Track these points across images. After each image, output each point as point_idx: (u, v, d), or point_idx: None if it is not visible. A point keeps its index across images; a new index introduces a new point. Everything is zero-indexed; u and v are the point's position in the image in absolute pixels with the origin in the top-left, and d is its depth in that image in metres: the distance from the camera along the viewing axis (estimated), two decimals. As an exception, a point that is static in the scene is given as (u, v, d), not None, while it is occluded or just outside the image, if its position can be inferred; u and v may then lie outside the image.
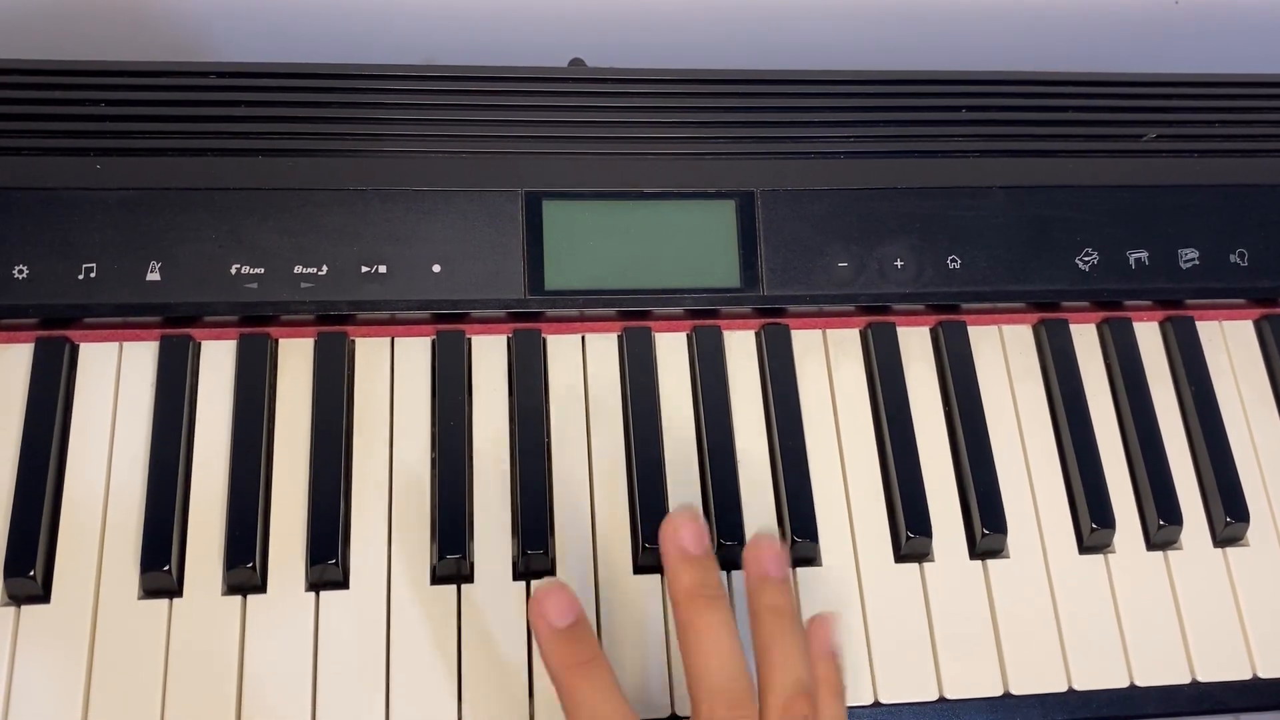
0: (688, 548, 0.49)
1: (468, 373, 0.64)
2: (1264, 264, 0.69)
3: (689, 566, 0.49)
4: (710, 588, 0.49)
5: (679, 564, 0.49)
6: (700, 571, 0.49)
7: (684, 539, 0.50)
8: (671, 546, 0.50)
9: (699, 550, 0.50)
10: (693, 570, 0.49)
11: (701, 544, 0.50)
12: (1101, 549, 0.64)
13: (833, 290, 0.66)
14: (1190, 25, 0.89)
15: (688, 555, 0.49)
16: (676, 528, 0.50)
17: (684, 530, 0.50)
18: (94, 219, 0.62)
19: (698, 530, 0.50)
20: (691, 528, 0.50)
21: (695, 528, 0.50)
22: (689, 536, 0.50)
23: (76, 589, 0.57)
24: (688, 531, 0.50)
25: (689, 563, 0.49)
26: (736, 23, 0.85)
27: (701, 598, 0.48)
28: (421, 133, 0.66)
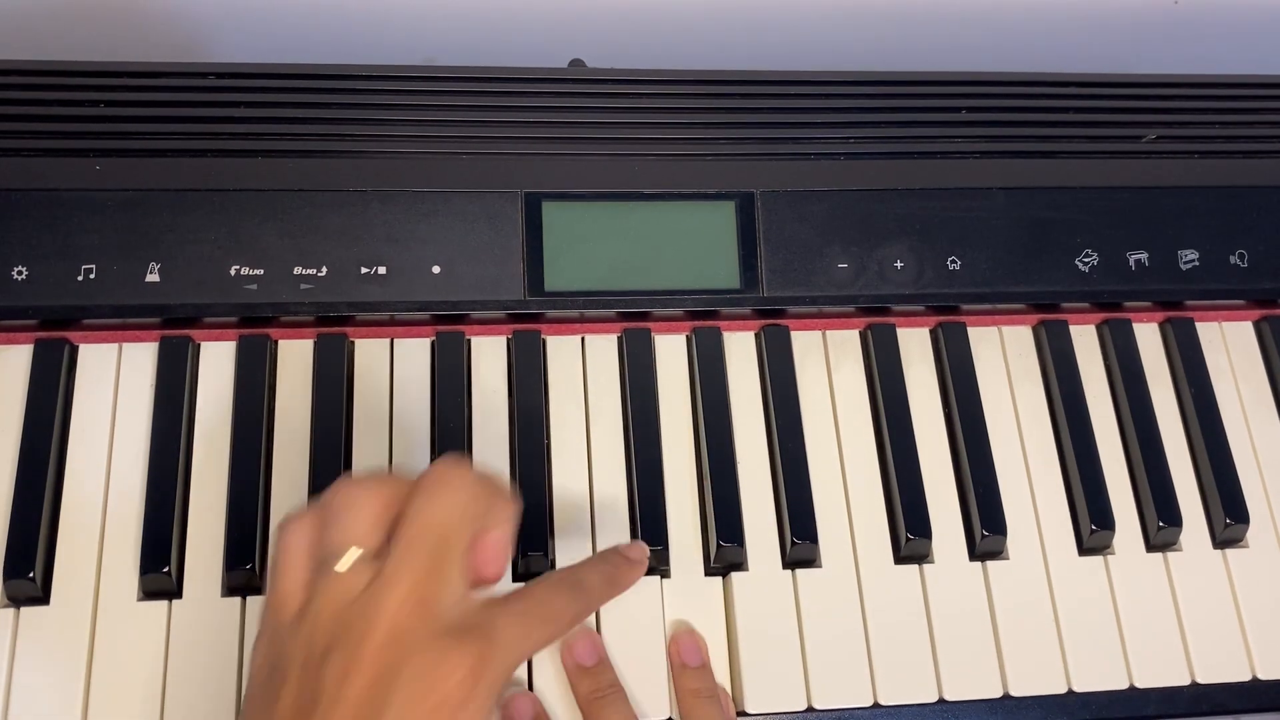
0: (582, 661, 0.57)
1: (467, 374, 0.64)
2: (1264, 265, 0.69)
3: (584, 676, 0.56)
4: (604, 688, 0.56)
5: (577, 675, 0.57)
6: (594, 679, 0.56)
7: (579, 654, 0.57)
8: (568, 660, 0.57)
9: (591, 660, 0.57)
10: (588, 679, 0.56)
11: (594, 655, 0.57)
12: (1101, 550, 0.64)
13: (833, 291, 0.66)
14: (1190, 25, 0.89)
15: (582, 667, 0.57)
16: (570, 646, 0.57)
17: (578, 646, 0.57)
18: (93, 220, 0.61)
19: (589, 644, 0.57)
20: (584, 643, 0.57)
21: (586, 643, 0.57)
22: (582, 651, 0.57)
23: (76, 590, 0.57)
24: (581, 647, 0.57)
25: (584, 673, 0.57)
26: (736, 23, 0.85)
27: (599, 699, 0.56)
28: (421, 133, 0.66)
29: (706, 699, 0.57)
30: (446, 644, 0.45)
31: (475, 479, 0.49)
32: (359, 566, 0.46)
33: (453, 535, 0.47)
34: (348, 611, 0.45)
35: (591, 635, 0.58)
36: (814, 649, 0.60)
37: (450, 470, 0.49)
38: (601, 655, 0.57)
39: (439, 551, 0.46)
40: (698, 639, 0.59)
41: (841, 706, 0.59)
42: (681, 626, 0.60)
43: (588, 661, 0.57)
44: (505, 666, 0.47)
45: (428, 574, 0.46)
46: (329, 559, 0.46)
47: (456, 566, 0.47)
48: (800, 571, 0.61)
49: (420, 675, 0.44)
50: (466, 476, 0.49)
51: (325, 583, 0.46)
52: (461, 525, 0.48)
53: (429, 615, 0.45)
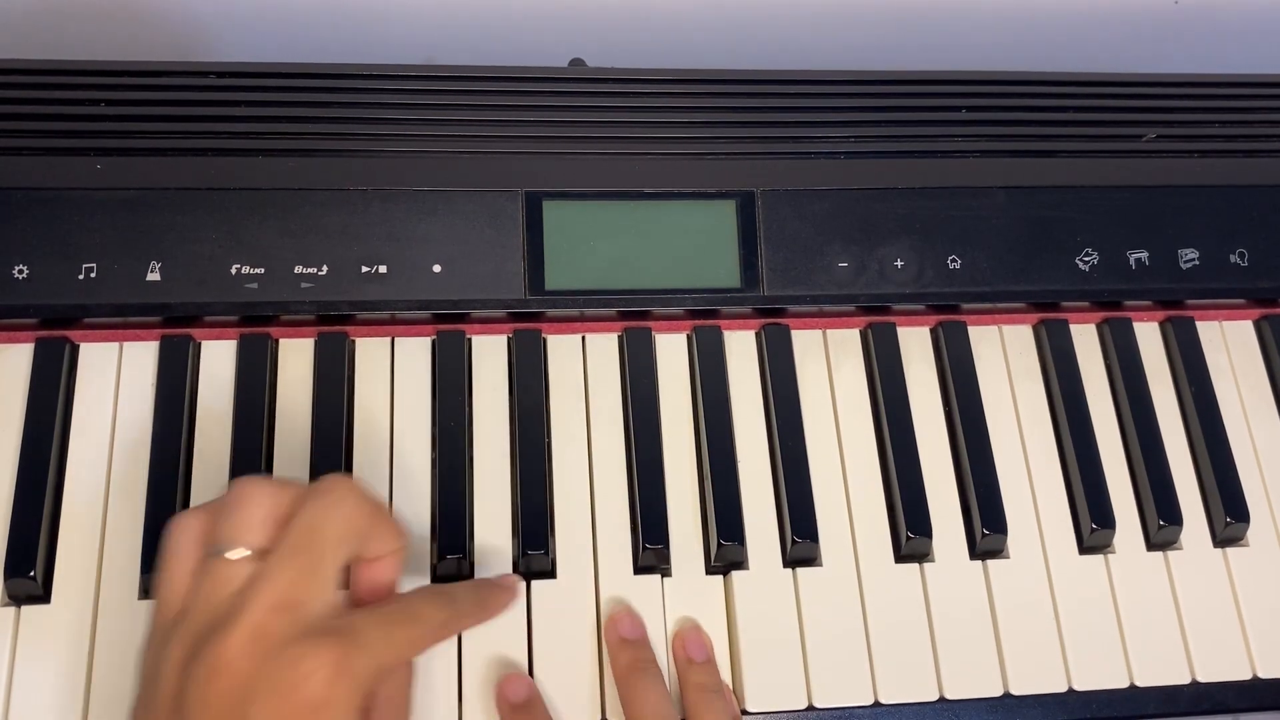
0: (625, 635, 0.58)
1: (468, 373, 0.64)
2: (1264, 264, 0.69)
3: (625, 648, 0.58)
4: (642, 661, 0.57)
5: (618, 648, 0.58)
6: (634, 651, 0.57)
7: (622, 629, 0.58)
8: (612, 636, 0.58)
9: (633, 636, 0.58)
10: (629, 650, 0.58)
11: (635, 631, 0.58)
12: (1101, 549, 0.64)
13: (833, 290, 0.66)
14: (1190, 25, 0.89)
15: (624, 640, 0.58)
16: (615, 622, 0.59)
17: (622, 622, 0.58)
18: (94, 219, 0.62)
19: (632, 620, 0.59)
20: (626, 621, 0.59)
21: (630, 619, 0.59)
22: (626, 627, 0.58)
23: (77, 589, 0.57)
24: (625, 623, 0.58)
25: (625, 647, 0.58)
26: (736, 23, 0.85)
27: (637, 669, 0.57)
28: (421, 133, 0.66)
29: (712, 693, 0.57)
30: (306, 645, 0.45)
31: (361, 497, 0.50)
32: (240, 564, 0.47)
33: (330, 543, 0.48)
34: (220, 609, 0.46)
35: (635, 613, 0.59)
36: (815, 648, 0.60)
37: (338, 483, 0.50)
38: (643, 634, 0.58)
39: (315, 556, 0.47)
40: (703, 634, 0.59)
41: (842, 705, 0.59)
42: (687, 622, 0.60)
43: (630, 636, 0.58)
44: (369, 669, 0.47)
45: (300, 577, 0.47)
46: (214, 552, 0.47)
47: (330, 573, 0.48)
48: (801, 570, 0.61)
49: (280, 676, 0.45)
50: (353, 491, 0.50)
51: (206, 579, 0.47)
52: (341, 536, 0.49)
53: (295, 618, 0.46)
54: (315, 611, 0.47)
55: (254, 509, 0.48)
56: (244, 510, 0.48)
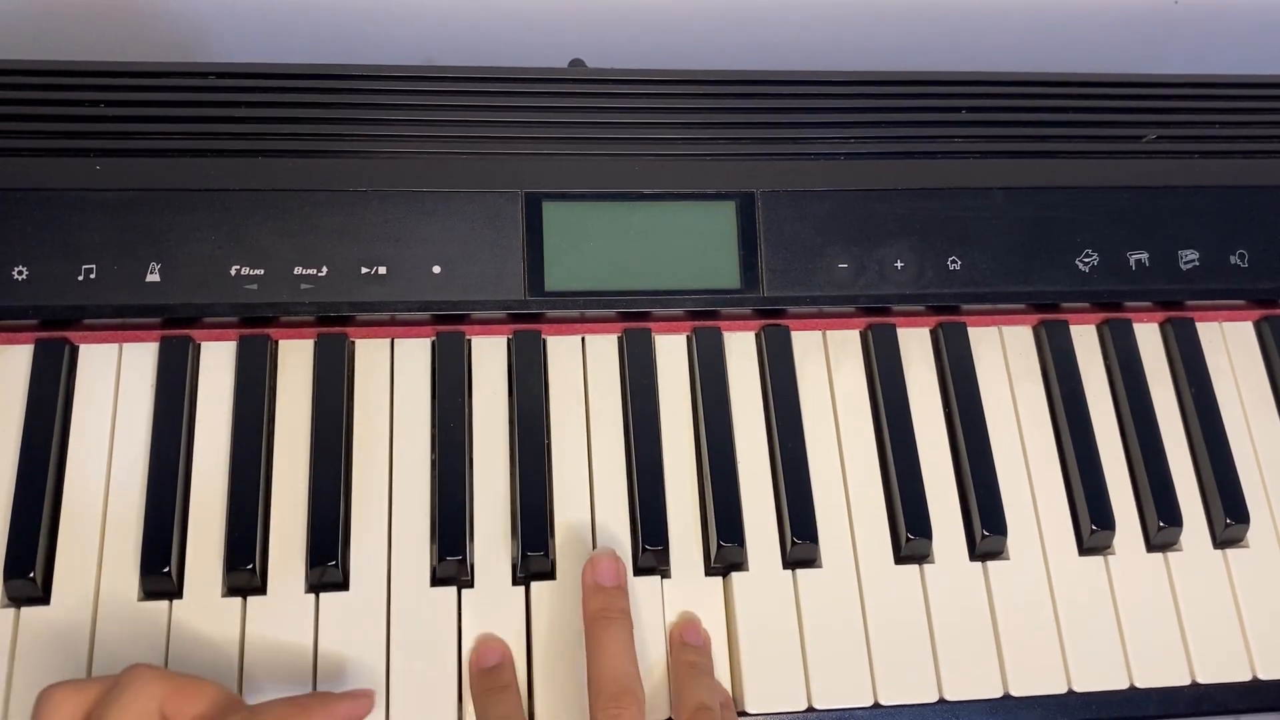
0: (601, 581, 0.58)
1: (468, 374, 0.64)
2: (1264, 265, 0.69)
3: (598, 595, 0.57)
4: (613, 610, 0.57)
5: (592, 592, 0.57)
6: (607, 598, 0.57)
7: (600, 573, 0.58)
8: (588, 578, 0.58)
9: (611, 583, 0.58)
10: (601, 597, 0.57)
11: (614, 578, 0.58)
12: (1101, 550, 0.64)
13: (833, 291, 0.66)
14: (1190, 25, 0.89)
15: (600, 587, 0.57)
16: (595, 564, 0.58)
17: (600, 566, 0.58)
18: (94, 220, 0.61)
19: (611, 567, 0.58)
20: (605, 564, 0.58)
21: (610, 564, 0.58)
22: (604, 571, 0.58)
23: (76, 591, 0.57)
24: (603, 567, 0.58)
25: (599, 592, 0.57)
26: (737, 23, 0.85)
27: (604, 618, 0.56)
28: (421, 133, 0.66)
29: (701, 672, 0.57)
30: None
31: (156, 676, 0.50)
32: None
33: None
34: None
35: (618, 560, 0.59)
36: (814, 649, 0.60)
37: (130, 673, 0.50)
38: (621, 581, 0.58)
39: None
40: (700, 625, 0.59)
41: (842, 706, 0.59)
42: (687, 615, 0.60)
43: (607, 582, 0.58)
44: None
45: None
46: None
47: None
48: (800, 571, 0.61)
49: None
50: (145, 675, 0.50)
51: None
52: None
53: None
54: None
55: (54, 715, 0.49)
56: (50, 717, 0.49)
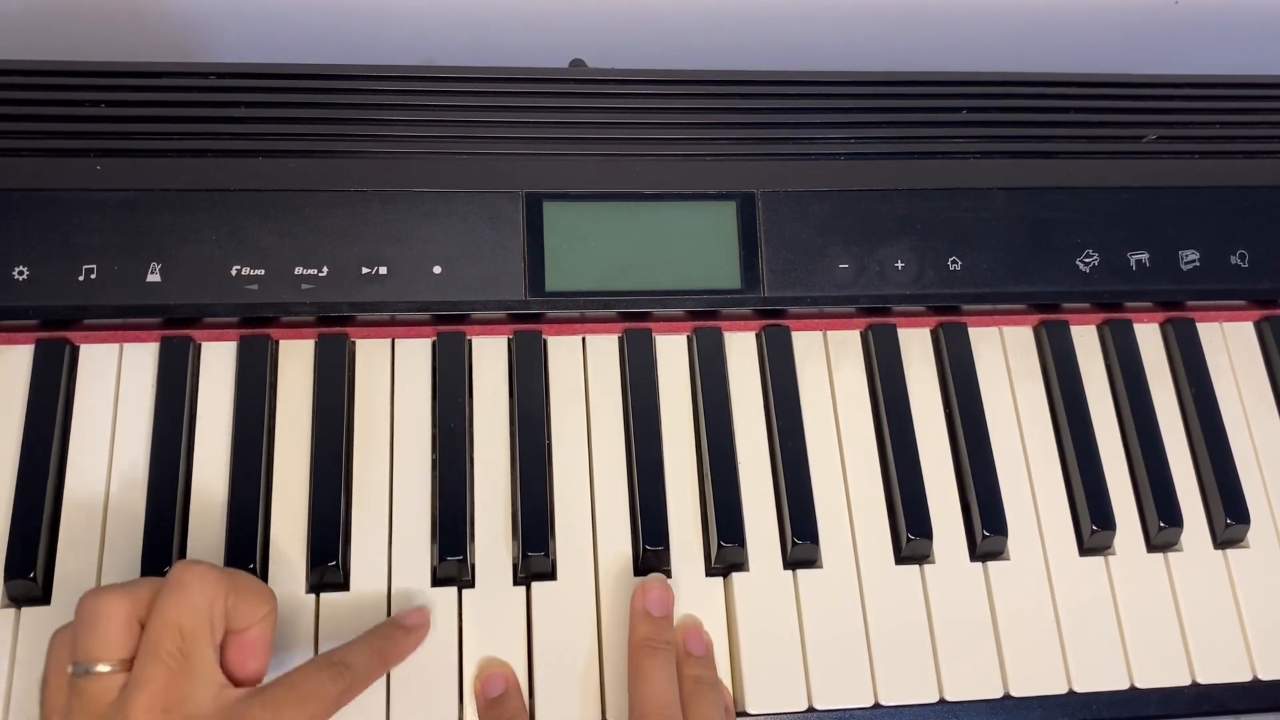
0: (651, 610, 0.58)
1: (468, 374, 0.64)
2: (1264, 265, 0.69)
3: (648, 623, 0.58)
4: (660, 641, 0.57)
5: (641, 620, 0.58)
6: (654, 628, 0.57)
7: (650, 602, 0.58)
8: (638, 604, 0.58)
9: (660, 613, 0.58)
10: (650, 626, 0.57)
11: (663, 608, 0.58)
12: (1102, 551, 0.64)
13: (833, 291, 0.66)
14: (1190, 25, 0.89)
15: (649, 615, 0.58)
16: (646, 591, 0.59)
17: (651, 594, 0.58)
18: (94, 220, 0.61)
19: (661, 597, 0.59)
20: (656, 593, 0.58)
21: (659, 594, 0.59)
22: (655, 601, 0.58)
23: (77, 591, 0.56)
24: (653, 596, 0.58)
25: (647, 620, 0.58)
26: (736, 23, 0.85)
27: (649, 647, 0.57)
28: (421, 133, 0.66)
29: (706, 685, 0.57)
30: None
31: (216, 578, 0.50)
32: (109, 678, 0.47)
33: (194, 636, 0.48)
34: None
35: (668, 589, 0.59)
36: (815, 649, 0.60)
37: (187, 572, 0.50)
38: (669, 611, 0.58)
39: (182, 653, 0.48)
40: (703, 631, 0.59)
41: (842, 707, 0.59)
42: (689, 619, 0.60)
43: (656, 612, 0.58)
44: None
45: (171, 678, 0.47)
46: (79, 672, 0.48)
47: (202, 665, 0.48)
48: (801, 572, 0.61)
49: None
50: (206, 576, 0.50)
51: (78, 700, 0.47)
52: (201, 625, 0.49)
53: (178, 717, 0.47)
54: (198, 706, 0.47)
55: (106, 623, 0.48)
56: (97, 626, 0.48)
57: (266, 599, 0.52)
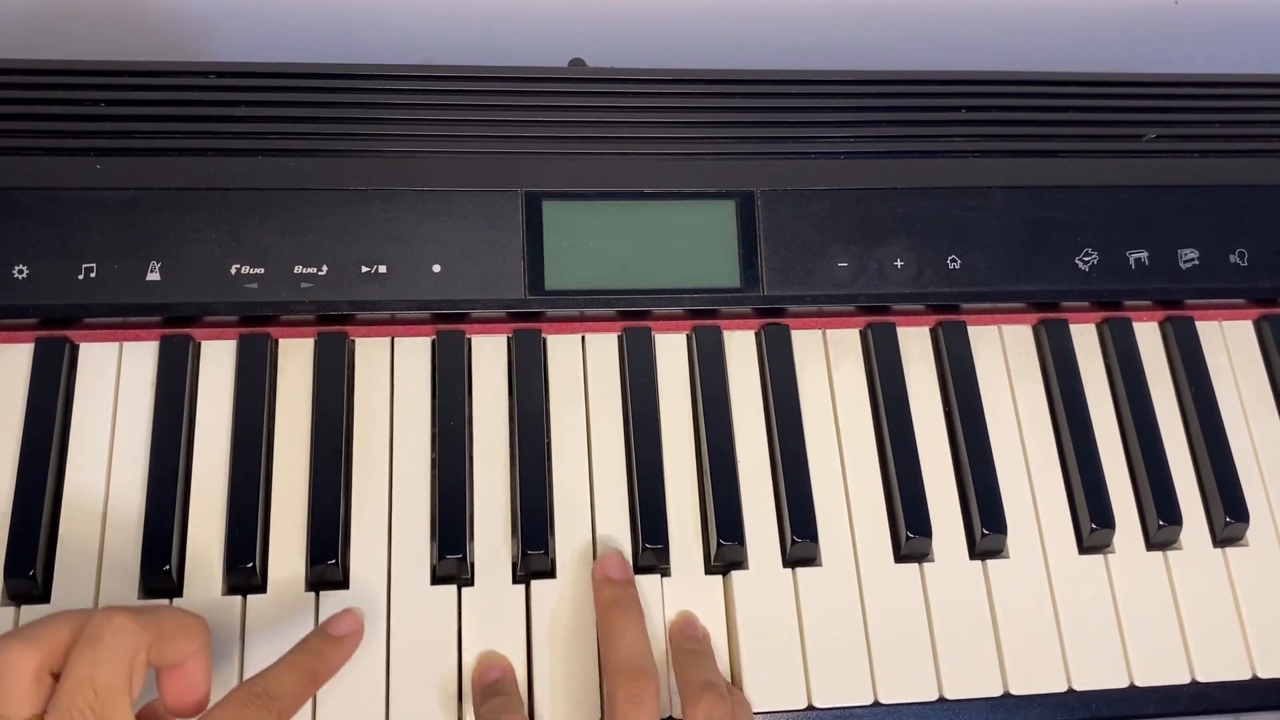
0: (611, 574, 0.59)
1: (468, 373, 0.64)
2: (1264, 264, 0.69)
3: (610, 586, 0.59)
4: (624, 599, 0.58)
5: (603, 585, 0.59)
6: (617, 589, 0.59)
7: (609, 568, 0.59)
8: (598, 573, 0.59)
9: (620, 576, 0.59)
10: (612, 589, 0.59)
11: (622, 571, 0.60)
12: (1101, 549, 0.64)
13: (833, 290, 0.66)
14: (1190, 25, 0.89)
15: (610, 580, 0.59)
16: (603, 562, 0.60)
17: (609, 562, 0.60)
18: (94, 219, 0.62)
19: (620, 561, 0.60)
20: (614, 560, 0.60)
21: (618, 560, 0.60)
22: (613, 566, 0.60)
23: (76, 589, 0.57)
24: (612, 563, 0.60)
25: (609, 584, 0.59)
26: (737, 23, 0.85)
27: (617, 605, 0.58)
28: (421, 133, 0.66)
29: (699, 654, 0.57)
30: None
31: (135, 627, 0.47)
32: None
33: (109, 693, 0.46)
34: None
35: (623, 556, 0.60)
36: (814, 647, 0.60)
37: (105, 624, 0.47)
38: (629, 576, 0.60)
39: (94, 713, 0.45)
40: (698, 622, 0.60)
41: (842, 705, 0.59)
42: (684, 614, 0.60)
43: (616, 575, 0.59)
44: None
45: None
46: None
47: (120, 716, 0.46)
48: (800, 570, 0.61)
49: None
50: (123, 628, 0.47)
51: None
52: (117, 681, 0.46)
53: None
54: None
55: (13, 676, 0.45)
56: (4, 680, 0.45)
57: (195, 634, 0.50)
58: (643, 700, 0.53)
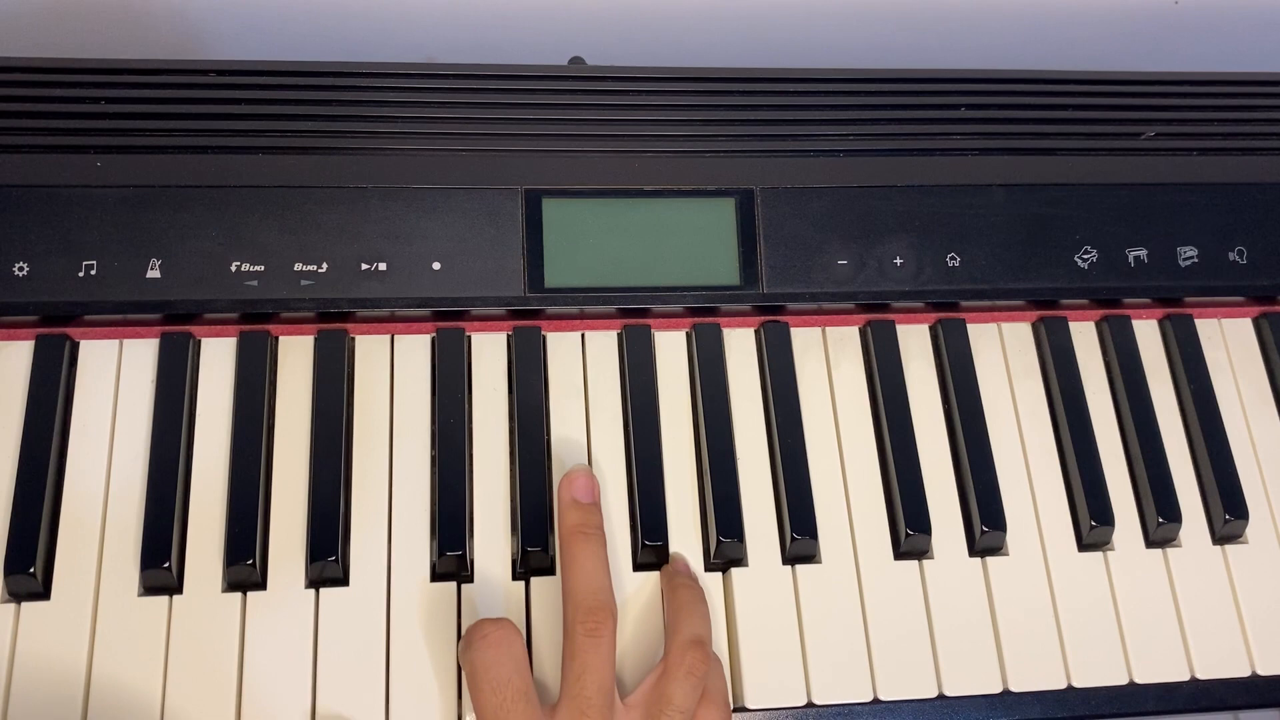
0: (578, 497, 0.59)
1: (468, 370, 0.64)
2: (1263, 262, 0.69)
3: (575, 510, 0.58)
4: (589, 526, 0.58)
5: (569, 507, 0.59)
6: (583, 513, 0.58)
7: (576, 489, 0.59)
8: (565, 494, 0.59)
9: (587, 499, 0.59)
10: (578, 513, 0.58)
11: (589, 495, 0.59)
12: (1101, 546, 0.64)
13: (832, 288, 0.66)
14: (1190, 25, 0.90)
15: (577, 503, 0.58)
16: (572, 480, 0.59)
17: (577, 482, 0.59)
18: (94, 216, 0.62)
19: (589, 483, 0.59)
20: (582, 481, 0.59)
21: (587, 481, 0.59)
22: (580, 488, 0.59)
23: (77, 586, 0.57)
24: (580, 484, 0.59)
25: (576, 507, 0.58)
26: (737, 22, 0.85)
27: (581, 533, 0.57)
28: (421, 131, 0.66)
29: (693, 601, 0.58)
30: None
31: None
32: None
33: None
34: None
35: (593, 478, 0.60)
36: (814, 644, 0.60)
37: None
38: (596, 497, 0.59)
39: None
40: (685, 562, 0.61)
41: (841, 702, 0.59)
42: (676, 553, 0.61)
43: (584, 499, 0.59)
44: None
45: None
46: None
47: None
48: (800, 567, 0.61)
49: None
50: None
51: None
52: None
53: None
54: None
55: None
56: None
57: None
58: (601, 635, 0.54)
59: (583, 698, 0.53)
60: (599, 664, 0.54)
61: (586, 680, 0.53)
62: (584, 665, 0.53)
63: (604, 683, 0.53)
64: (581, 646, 0.54)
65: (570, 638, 0.54)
